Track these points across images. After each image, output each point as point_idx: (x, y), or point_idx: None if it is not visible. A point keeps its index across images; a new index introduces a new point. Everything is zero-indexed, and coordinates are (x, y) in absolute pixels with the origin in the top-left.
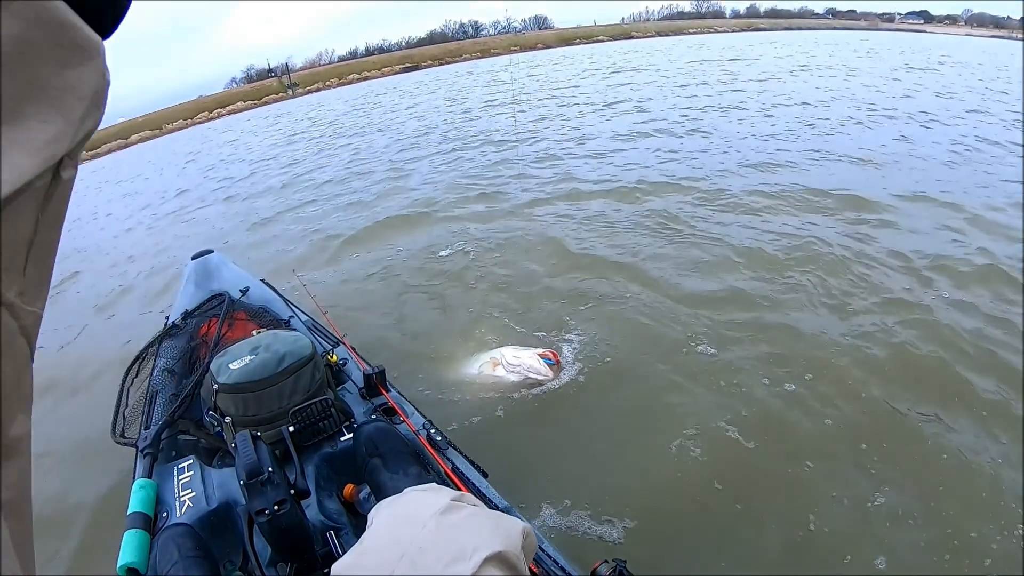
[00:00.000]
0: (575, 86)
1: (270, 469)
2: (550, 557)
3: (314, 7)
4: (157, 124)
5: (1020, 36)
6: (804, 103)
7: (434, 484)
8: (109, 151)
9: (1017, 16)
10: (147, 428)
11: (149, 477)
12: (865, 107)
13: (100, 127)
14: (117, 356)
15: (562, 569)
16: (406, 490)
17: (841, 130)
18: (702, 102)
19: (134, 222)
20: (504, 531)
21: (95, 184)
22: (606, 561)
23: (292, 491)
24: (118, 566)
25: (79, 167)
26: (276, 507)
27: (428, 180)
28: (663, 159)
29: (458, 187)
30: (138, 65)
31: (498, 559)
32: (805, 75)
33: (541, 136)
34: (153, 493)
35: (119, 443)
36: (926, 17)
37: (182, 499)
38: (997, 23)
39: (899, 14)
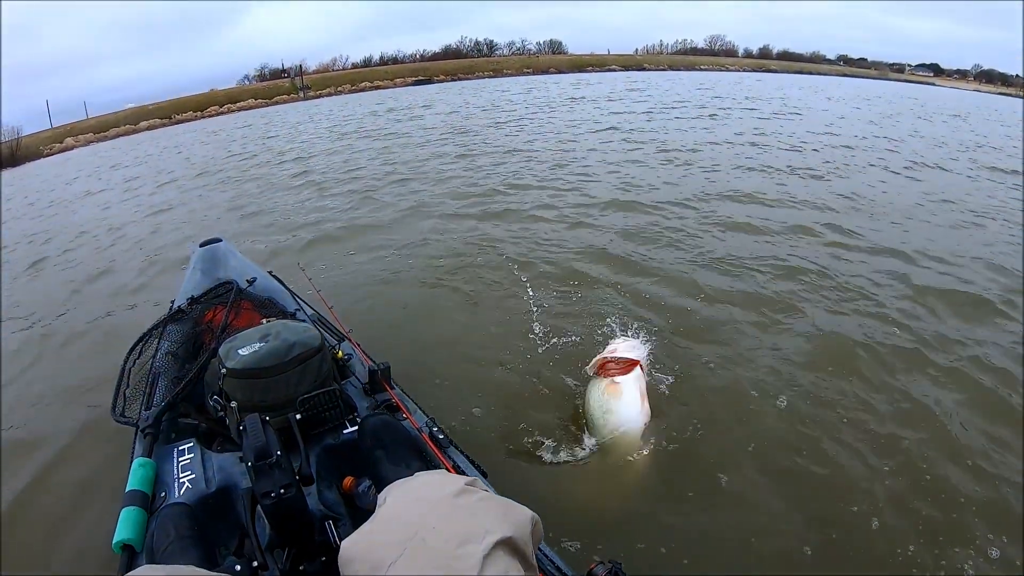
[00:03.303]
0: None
1: (279, 453)
2: (547, 557)
3: (332, 11)
4: (166, 113)
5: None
6: None
7: (443, 471)
8: (117, 135)
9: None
10: (148, 409)
11: (149, 457)
12: None
13: (108, 111)
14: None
15: (558, 569)
16: (417, 473)
17: None
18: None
19: None
20: (514, 518)
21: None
22: (602, 562)
23: (296, 478)
24: (114, 542)
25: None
26: (282, 490)
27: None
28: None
29: None
30: (149, 52)
31: (508, 544)
32: None
33: None
34: (152, 473)
35: (119, 422)
36: (936, 70)
37: (181, 480)
38: (1006, 80)
39: (909, 65)
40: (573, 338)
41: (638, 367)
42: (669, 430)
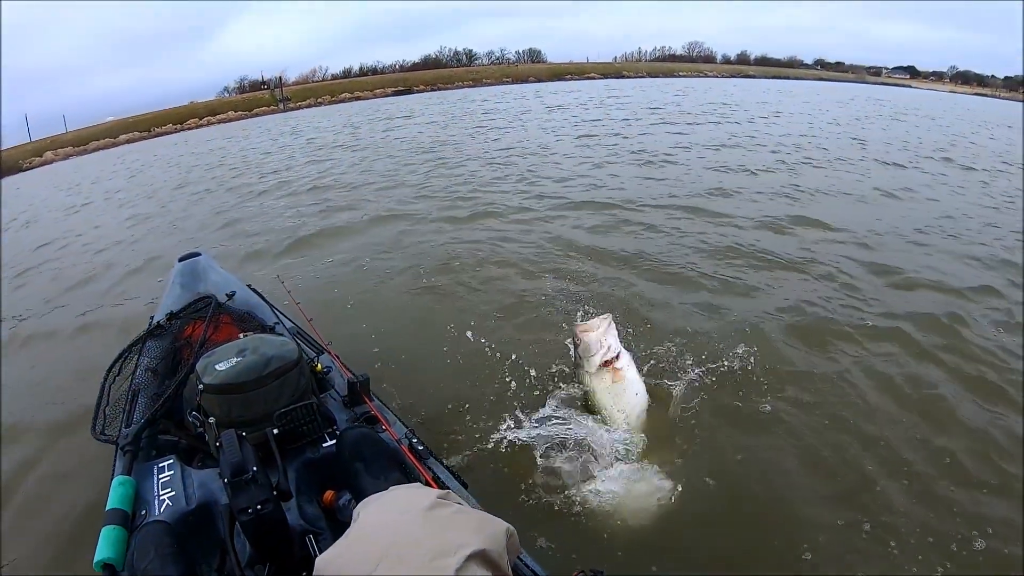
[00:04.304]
0: None
1: (254, 469)
2: (528, 567)
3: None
4: (146, 126)
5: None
6: None
7: (418, 484)
8: (96, 148)
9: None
10: (128, 426)
11: (129, 474)
12: None
13: (88, 124)
14: None
15: None
16: (392, 487)
17: None
18: None
19: None
20: (488, 530)
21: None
22: (583, 571)
23: (274, 492)
24: (95, 561)
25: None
26: (259, 506)
27: None
28: None
29: None
30: (129, 65)
31: (481, 557)
32: None
33: None
34: (132, 490)
35: (100, 440)
36: (912, 72)
37: (161, 497)
38: (981, 81)
39: (886, 68)
40: (553, 338)
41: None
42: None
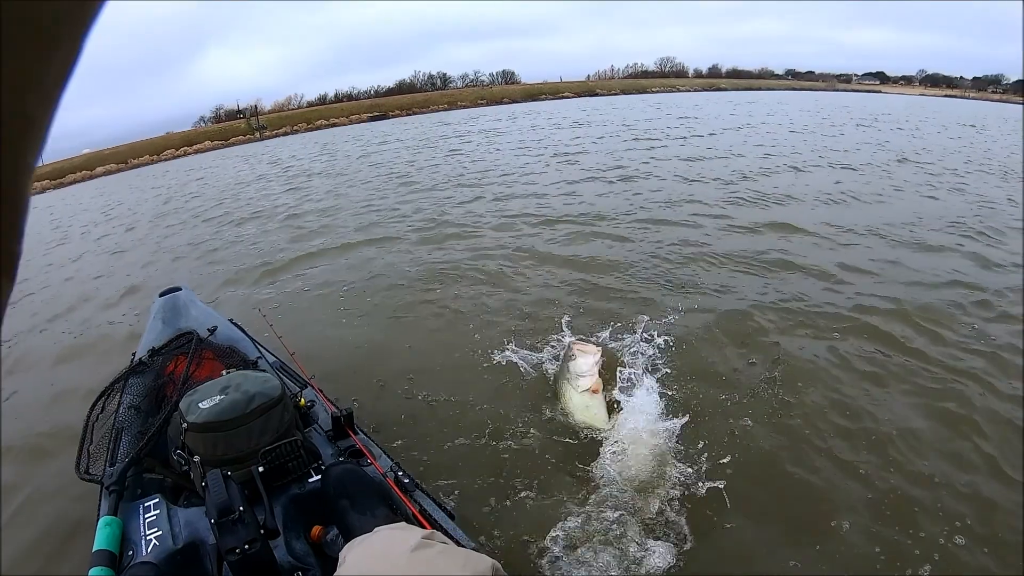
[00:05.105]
0: None
1: (241, 508)
2: None
3: (286, 51)
4: (123, 158)
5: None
6: None
7: (404, 523)
8: (73, 181)
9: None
10: (112, 465)
11: (115, 515)
12: None
13: (64, 157)
14: None
15: None
16: (377, 528)
17: None
18: None
19: None
20: (473, 567)
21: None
22: None
23: (262, 531)
24: None
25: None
26: (247, 546)
27: None
28: None
29: None
30: (106, 97)
31: None
32: None
33: None
34: (119, 531)
35: (84, 479)
36: (882, 78)
37: (148, 538)
38: (950, 83)
39: (856, 75)
40: (534, 358)
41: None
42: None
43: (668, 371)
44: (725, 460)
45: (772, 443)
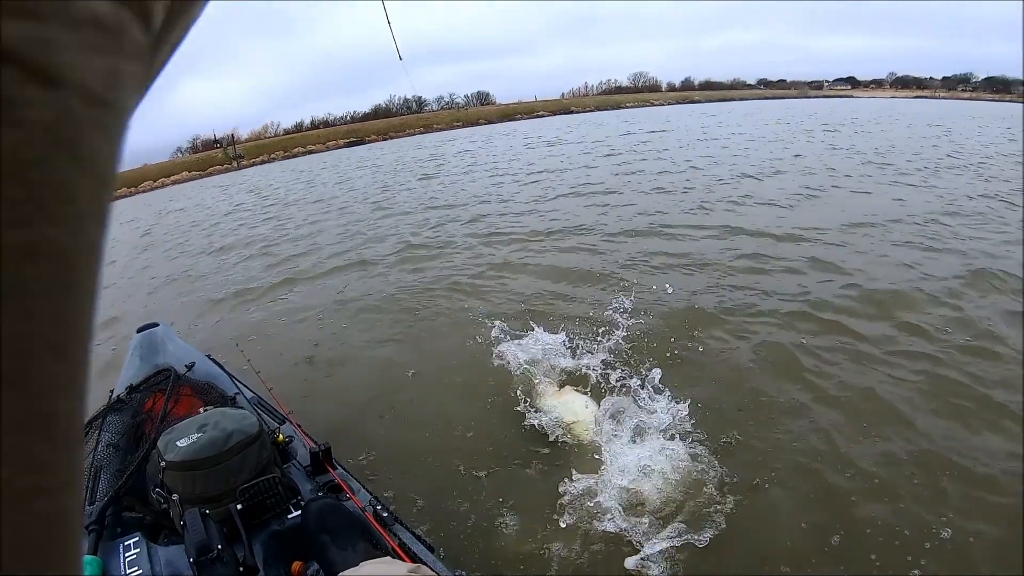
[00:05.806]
0: None
1: (219, 547)
2: None
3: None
4: None
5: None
6: None
7: (388, 558)
8: None
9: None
10: (91, 504)
11: (95, 554)
12: None
13: None
14: None
15: None
16: (363, 564)
17: None
18: None
19: None
20: None
21: None
22: None
23: (241, 569)
24: None
25: None
26: None
27: None
28: None
29: None
30: None
31: None
32: None
33: None
34: (99, 571)
35: None
36: (853, 82)
37: None
38: (920, 84)
39: (827, 81)
40: (513, 379)
41: None
42: None
43: (646, 374)
44: (708, 466)
45: (764, 445)
